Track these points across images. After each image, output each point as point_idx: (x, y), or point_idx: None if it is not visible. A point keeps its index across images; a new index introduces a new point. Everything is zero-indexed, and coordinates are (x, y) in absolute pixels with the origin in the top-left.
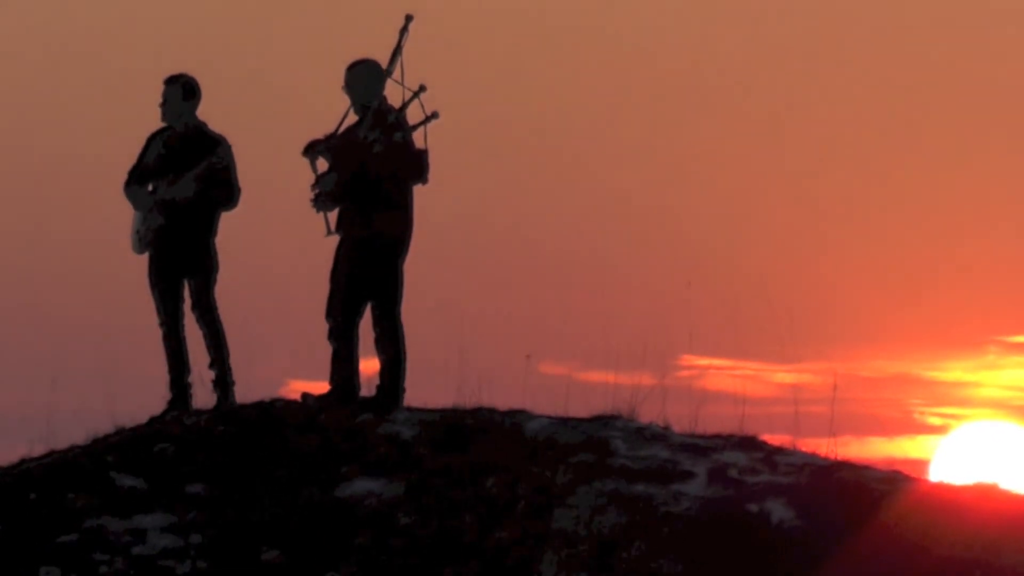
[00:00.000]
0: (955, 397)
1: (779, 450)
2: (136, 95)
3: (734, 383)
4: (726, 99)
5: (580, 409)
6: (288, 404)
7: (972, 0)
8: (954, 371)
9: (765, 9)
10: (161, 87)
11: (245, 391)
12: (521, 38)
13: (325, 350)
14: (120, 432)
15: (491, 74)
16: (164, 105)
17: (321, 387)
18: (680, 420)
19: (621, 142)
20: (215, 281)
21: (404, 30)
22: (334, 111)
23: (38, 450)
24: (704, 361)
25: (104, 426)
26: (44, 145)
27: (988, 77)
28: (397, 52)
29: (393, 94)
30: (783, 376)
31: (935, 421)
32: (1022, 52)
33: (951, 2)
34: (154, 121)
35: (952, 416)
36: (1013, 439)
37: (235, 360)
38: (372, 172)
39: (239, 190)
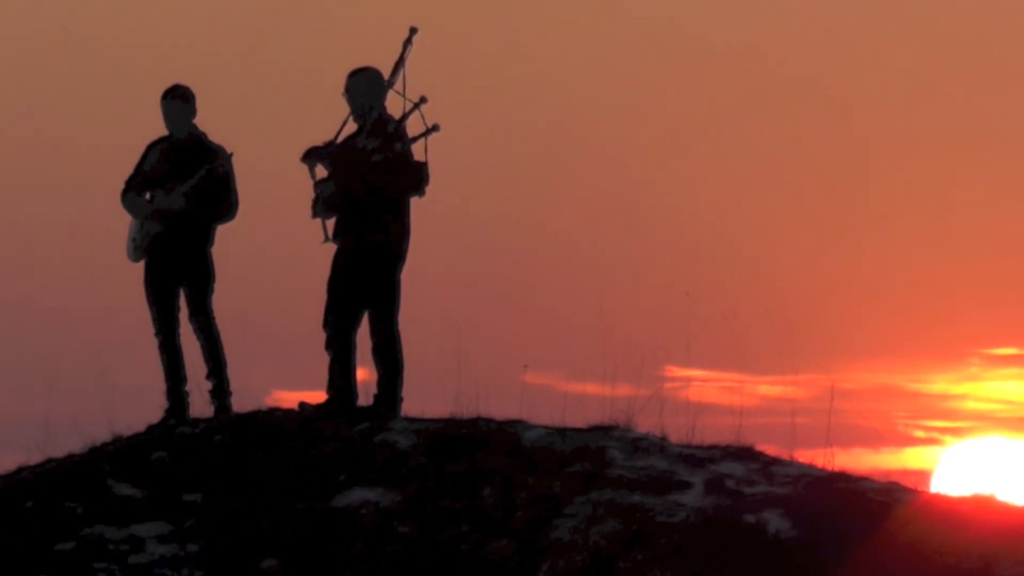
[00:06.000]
0: (939, 409)
1: (776, 461)
2: (134, 103)
3: (731, 394)
4: (725, 109)
5: (577, 419)
6: (285, 413)
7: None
8: (937, 383)
9: (766, 22)
10: (159, 99)
11: (238, 399)
12: (521, 52)
13: (315, 359)
14: (117, 440)
15: (491, 85)
16: (168, 118)
17: (314, 396)
18: (677, 431)
19: (620, 153)
20: (212, 290)
21: (408, 42)
22: (333, 118)
23: (35, 458)
24: (701, 372)
25: (101, 434)
26: (40, 150)
27: (978, 97)
28: (400, 63)
29: (394, 105)
30: (773, 388)
31: (920, 434)
32: (1018, 75)
33: (956, 21)
34: (151, 129)
35: (937, 429)
36: (1005, 451)
37: (230, 369)
38: (370, 182)
39: (237, 201)
